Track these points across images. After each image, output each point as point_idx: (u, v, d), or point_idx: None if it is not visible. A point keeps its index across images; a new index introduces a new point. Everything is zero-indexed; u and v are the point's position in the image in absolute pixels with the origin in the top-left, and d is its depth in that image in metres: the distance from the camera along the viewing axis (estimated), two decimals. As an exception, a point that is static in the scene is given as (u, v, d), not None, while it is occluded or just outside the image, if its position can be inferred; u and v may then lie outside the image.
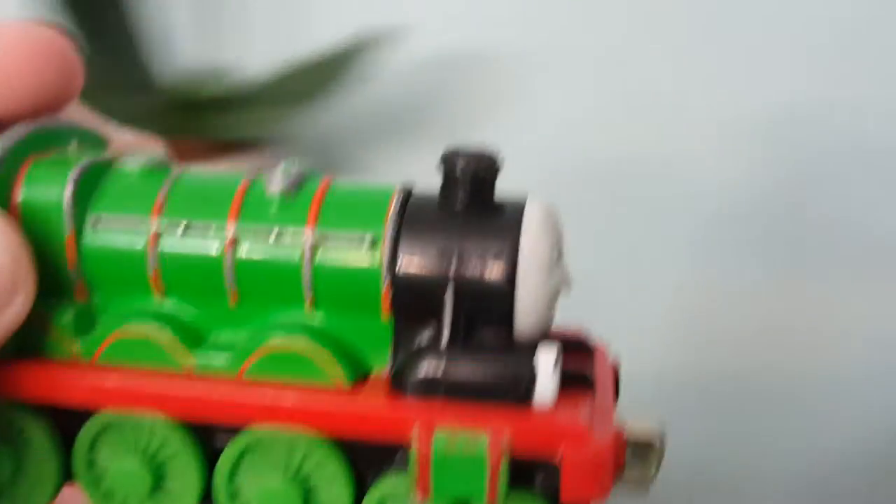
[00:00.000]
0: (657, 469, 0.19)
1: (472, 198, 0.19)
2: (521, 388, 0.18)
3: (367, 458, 0.19)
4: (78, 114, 0.23)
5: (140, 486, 0.20)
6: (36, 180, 0.20)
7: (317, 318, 0.19)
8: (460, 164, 0.19)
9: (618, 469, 0.18)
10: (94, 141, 0.22)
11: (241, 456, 0.19)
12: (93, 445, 0.20)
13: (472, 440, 0.17)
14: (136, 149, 0.23)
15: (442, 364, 0.18)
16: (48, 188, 0.20)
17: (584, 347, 0.21)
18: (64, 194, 0.19)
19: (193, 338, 0.20)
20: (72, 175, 0.20)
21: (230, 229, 0.19)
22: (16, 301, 0.19)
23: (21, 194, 0.20)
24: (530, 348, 0.18)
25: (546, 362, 0.18)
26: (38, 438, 0.20)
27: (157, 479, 0.20)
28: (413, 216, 0.19)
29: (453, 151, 0.19)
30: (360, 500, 0.19)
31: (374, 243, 0.19)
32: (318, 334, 0.19)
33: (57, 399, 0.20)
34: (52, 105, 0.21)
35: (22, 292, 0.19)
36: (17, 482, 0.21)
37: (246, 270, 0.19)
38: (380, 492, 0.19)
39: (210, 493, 0.20)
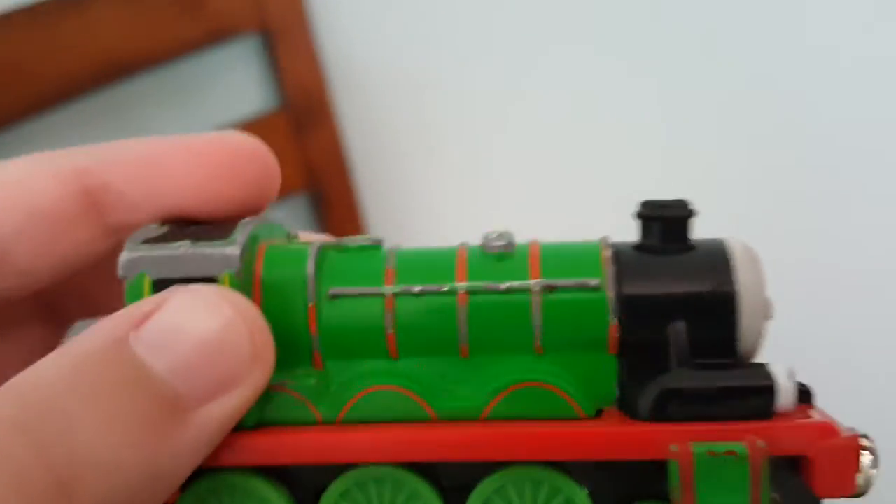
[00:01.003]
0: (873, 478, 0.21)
1: (672, 239, 0.21)
2: (762, 397, 0.19)
3: (609, 492, 0.20)
4: None
5: None
6: (275, 261, 0.22)
7: (546, 360, 0.21)
8: (660, 211, 0.21)
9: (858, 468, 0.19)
10: (289, 235, 0.24)
11: (487, 501, 0.20)
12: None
13: (730, 447, 0.19)
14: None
15: (681, 385, 0.20)
16: (289, 267, 0.21)
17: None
18: (306, 270, 0.21)
19: (430, 391, 0.21)
20: (311, 253, 0.22)
21: (461, 287, 0.21)
22: (254, 372, 0.20)
23: (263, 273, 0.21)
24: (757, 365, 0.20)
25: (780, 370, 0.20)
26: None
27: None
28: (627, 260, 0.21)
29: (650, 201, 0.22)
30: None
31: (598, 287, 0.21)
32: (551, 373, 0.21)
33: (307, 460, 0.20)
34: (253, 206, 0.23)
35: (261, 364, 0.20)
36: None
37: (478, 323, 0.21)
38: None
39: None
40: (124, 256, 0.21)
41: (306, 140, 0.68)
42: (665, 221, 0.21)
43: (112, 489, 0.17)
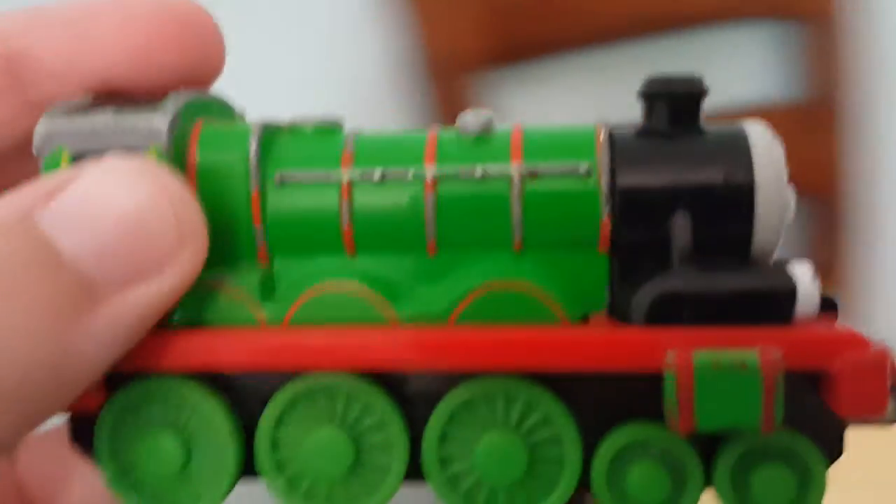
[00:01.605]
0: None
1: (682, 120, 0.18)
2: (780, 302, 0.16)
3: (591, 415, 0.18)
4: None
5: (338, 462, 0.18)
6: (213, 140, 0.19)
7: (527, 259, 0.18)
8: (666, 86, 0.18)
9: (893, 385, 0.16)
10: (235, 114, 0.21)
11: (452, 417, 0.18)
12: (279, 421, 0.18)
13: (738, 358, 0.16)
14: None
15: (683, 283, 0.17)
16: (229, 147, 0.19)
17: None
18: (249, 151, 0.18)
19: (391, 292, 0.18)
20: (254, 134, 0.19)
21: (429, 172, 0.18)
22: (183, 252, 0.17)
23: (199, 153, 0.18)
24: (777, 265, 0.17)
25: (804, 273, 0.16)
26: (216, 418, 0.18)
27: (357, 452, 0.18)
28: (625, 143, 0.18)
29: (656, 77, 0.18)
30: (587, 459, 0.18)
31: (589, 173, 0.18)
32: (533, 273, 0.18)
33: (249, 366, 0.18)
34: (193, 80, 0.20)
35: (189, 248, 0.17)
36: (189, 473, 0.18)
37: (448, 214, 0.18)
38: (614, 444, 0.17)
39: (413, 465, 0.18)
40: (40, 128, 0.18)
41: (814, 139, 0.62)
42: (672, 100, 0.18)
43: (7, 380, 0.14)
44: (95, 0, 0.20)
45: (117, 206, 0.16)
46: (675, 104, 0.18)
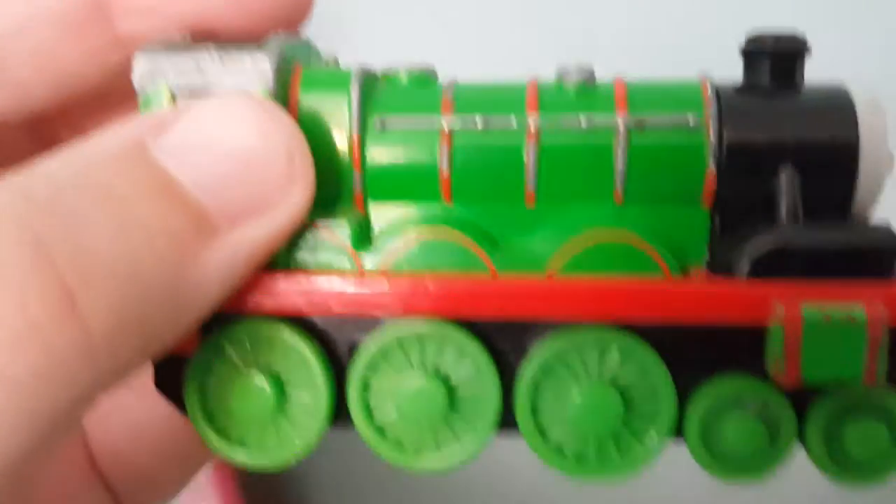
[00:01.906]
0: None
1: (783, 78, 0.18)
2: (883, 258, 0.17)
3: (685, 369, 0.18)
4: None
5: (429, 412, 0.18)
6: (314, 83, 0.18)
7: (629, 211, 0.18)
8: (770, 44, 0.18)
9: None
10: (327, 59, 0.21)
11: (546, 369, 0.18)
12: (372, 367, 0.18)
13: (846, 311, 0.16)
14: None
15: (791, 239, 0.17)
16: (331, 91, 0.18)
17: None
18: (350, 97, 0.18)
19: (489, 241, 0.18)
20: (355, 79, 0.18)
21: (532, 121, 0.18)
22: (293, 191, 0.17)
23: (299, 99, 0.18)
24: (880, 224, 0.17)
25: None
26: (311, 362, 0.18)
27: (450, 400, 0.18)
28: (731, 98, 0.18)
29: (759, 34, 0.18)
30: (681, 412, 0.18)
31: (697, 126, 0.18)
32: (637, 226, 0.18)
33: (348, 312, 0.18)
34: (283, 23, 0.20)
35: (300, 186, 0.17)
36: (281, 417, 0.18)
37: (550, 164, 0.18)
38: (710, 396, 0.18)
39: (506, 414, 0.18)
40: (140, 61, 0.18)
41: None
42: (775, 57, 0.18)
43: (123, 303, 0.14)
44: None
45: (232, 140, 0.16)
46: (777, 61, 0.18)
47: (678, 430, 0.18)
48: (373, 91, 0.19)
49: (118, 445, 0.23)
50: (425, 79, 0.19)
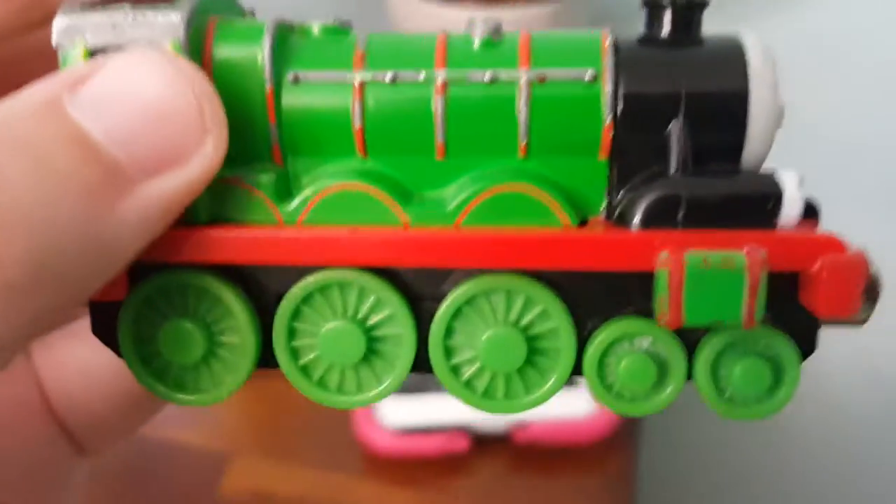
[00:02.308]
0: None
1: (682, 30, 0.19)
2: (767, 207, 0.18)
3: (586, 309, 0.19)
4: None
5: (349, 353, 0.19)
6: (228, 36, 0.19)
7: (532, 163, 0.19)
8: None
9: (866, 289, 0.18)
10: (244, 12, 0.21)
11: (458, 312, 0.19)
12: (296, 314, 0.19)
13: (726, 257, 0.17)
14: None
15: (677, 189, 0.18)
16: (243, 44, 0.19)
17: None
18: (263, 50, 0.19)
19: (402, 194, 0.19)
20: (268, 32, 0.19)
21: (440, 75, 0.19)
22: (206, 143, 0.17)
23: (214, 52, 0.19)
24: (766, 173, 0.18)
25: (791, 179, 0.18)
26: (236, 310, 0.19)
27: (368, 344, 0.19)
28: (629, 51, 0.19)
29: None
30: (581, 350, 0.19)
31: (594, 78, 0.18)
32: (537, 178, 0.19)
33: (267, 260, 0.19)
34: None
35: (213, 138, 0.17)
36: (208, 362, 0.20)
37: (457, 118, 0.19)
38: (608, 337, 0.19)
39: (420, 355, 0.19)
40: (59, 21, 0.18)
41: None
42: (673, 9, 0.19)
43: (40, 249, 0.15)
44: None
45: (145, 94, 0.17)
46: (675, 13, 0.19)
47: (578, 368, 0.19)
48: (287, 44, 0.19)
49: (72, 391, 0.24)
50: (340, 31, 0.20)
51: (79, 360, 0.24)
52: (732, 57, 0.18)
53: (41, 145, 0.16)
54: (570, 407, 0.46)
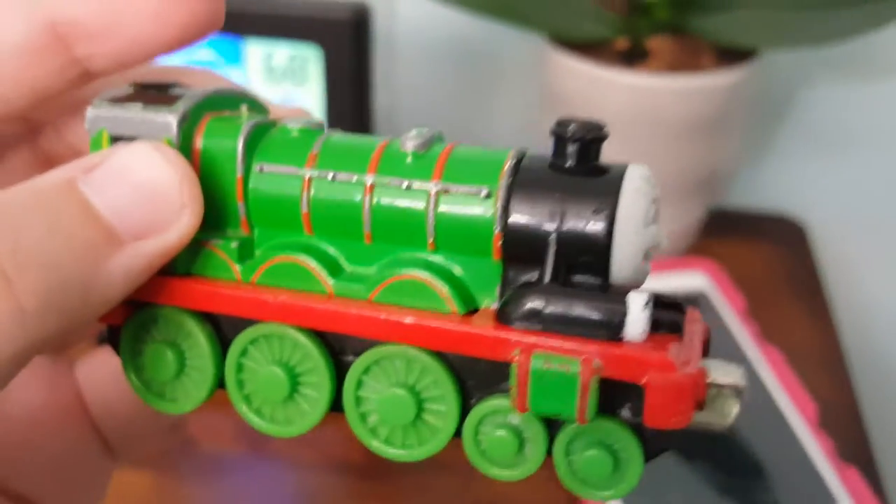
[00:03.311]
0: (735, 414, 0.22)
1: (579, 159, 0.22)
2: (613, 323, 0.21)
3: (474, 383, 0.23)
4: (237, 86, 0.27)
5: (278, 391, 0.24)
6: (213, 133, 0.24)
7: (437, 257, 0.23)
8: (571, 128, 0.22)
9: (698, 402, 0.20)
10: (259, 108, 0.26)
11: (367, 370, 0.23)
12: (244, 352, 0.24)
13: (567, 361, 0.20)
14: (292, 116, 0.27)
15: (542, 300, 0.21)
16: (224, 140, 0.24)
17: (677, 306, 0.23)
18: (237, 144, 0.24)
19: (334, 268, 0.24)
20: (243, 130, 0.24)
21: (369, 179, 0.23)
22: (183, 215, 0.22)
23: (201, 143, 0.24)
24: (623, 293, 0.21)
25: (636, 300, 0.20)
26: (203, 342, 0.24)
27: (294, 386, 0.24)
28: (525, 173, 0.22)
29: (566, 119, 0.22)
30: (465, 417, 0.23)
31: (489, 196, 0.22)
32: (437, 270, 0.23)
33: (222, 310, 0.24)
34: (201, 33, 0.24)
35: (189, 210, 0.22)
36: (181, 379, 0.25)
37: (380, 214, 0.23)
38: (483, 410, 0.22)
39: (338, 401, 0.24)
40: (90, 112, 0.24)
41: None
42: (572, 142, 0.22)
43: (48, 288, 0.20)
44: None
45: (137, 177, 0.22)
46: (575, 146, 0.22)
47: (459, 433, 0.23)
48: (261, 139, 0.24)
49: (108, 397, 0.30)
50: (311, 132, 0.24)
51: (114, 369, 0.29)
52: (609, 190, 0.21)
53: (57, 211, 0.21)
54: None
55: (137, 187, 0.22)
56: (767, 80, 0.73)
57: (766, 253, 0.74)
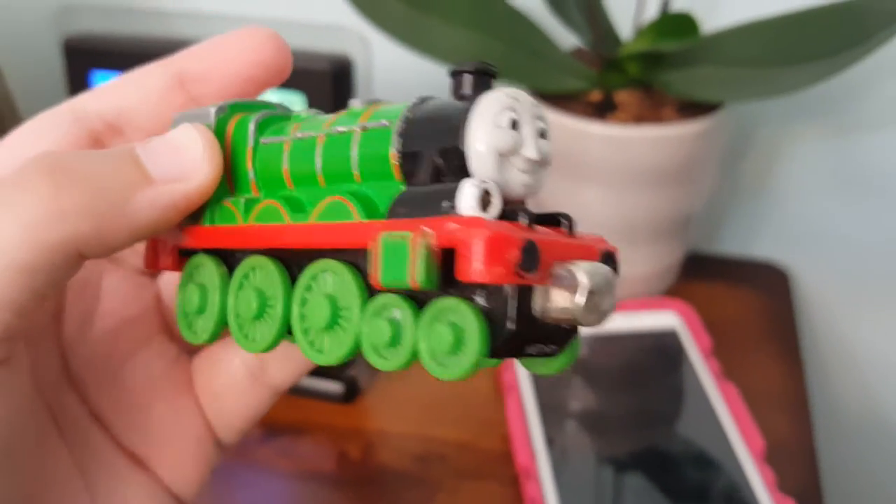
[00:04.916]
0: (578, 307, 0.22)
1: (474, 89, 0.26)
2: (446, 203, 0.23)
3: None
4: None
5: (250, 311, 0.29)
6: (241, 123, 0.32)
7: (363, 186, 0.28)
8: (463, 64, 0.26)
9: (511, 264, 0.22)
10: (284, 111, 0.34)
11: (308, 287, 0.28)
12: (240, 286, 0.30)
13: (403, 235, 0.23)
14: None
15: (403, 196, 0.25)
16: (244, 124, 0.32)
17: (561, 217, 0.25)
18: (251, 125, 0.32)
19: (298, 206, 0.29)
20: (257, 115, 0.32)
21: (322, 131, 0.29)
22: (203, 170, 0.30)
23: (232, 130, 0.32)
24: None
25: (469, 182, 0.23)
26: (216, 276, 0.31)
27: (262, 307, 0.29)
28: (420, 105, 0.26)
29: (462, 63, 0.26)
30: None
31: (387, 127, 0.27)
32: (352, 193, 0.27)
33: (225, 244, 0.31)
34: (279, 76, 0.34)
35: (208, 166, 0.30)
36: (202, 311, 0.32)
37: (327, 158, 0.29)
38: (374, 306, 0.26)
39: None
40: (174, 114, 0.34)
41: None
42: (458, 76, 0.26)
43: (92, 201, 0.28)
44: (228, 35, 0.35)
45: (175, 143, 0.31)
46: (468, 79, 0.26)
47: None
48: (269, 124, 0.32)
49: (218, 390, 0.36)
50: (307, 116, 0.32)
51: (224, 362, 0.36)
52: (471, 105, 0.25)
53: (112, 156, 0.30)
54: None
55: (173, 148, 0.31)
56: (751, 126, 0.77)
57: (745, 297, 0.76)
